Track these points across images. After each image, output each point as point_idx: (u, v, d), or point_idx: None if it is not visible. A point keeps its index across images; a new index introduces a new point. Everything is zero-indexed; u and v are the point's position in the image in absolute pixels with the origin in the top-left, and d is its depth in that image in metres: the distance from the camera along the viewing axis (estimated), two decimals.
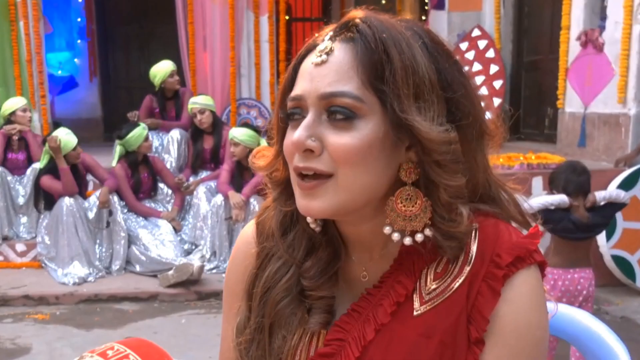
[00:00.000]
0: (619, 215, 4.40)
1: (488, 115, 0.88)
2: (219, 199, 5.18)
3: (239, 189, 5.10)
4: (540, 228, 0.89)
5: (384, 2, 9.50)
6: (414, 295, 0.86)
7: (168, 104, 6.14)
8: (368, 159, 0.81)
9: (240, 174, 5.20)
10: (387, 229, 0.85)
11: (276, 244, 0.94)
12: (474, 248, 0.85)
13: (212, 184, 5.44)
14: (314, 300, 0.90)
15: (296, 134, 0.82)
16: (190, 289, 4.77)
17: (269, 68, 6.73)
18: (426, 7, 8.46)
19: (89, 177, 5.41)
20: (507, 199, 0.90)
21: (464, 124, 0.83)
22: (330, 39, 0.84)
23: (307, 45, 0.87)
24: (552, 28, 6.38)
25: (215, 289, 4.80)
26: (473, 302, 0.83)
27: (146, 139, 5.26)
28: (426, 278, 0.86)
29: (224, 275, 4.78)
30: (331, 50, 0.83)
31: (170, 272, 4.77)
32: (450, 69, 0.84)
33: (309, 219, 0.90)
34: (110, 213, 5.13)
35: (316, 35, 0.88)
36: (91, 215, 5.12)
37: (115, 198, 5.17)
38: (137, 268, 5.12)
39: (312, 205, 0.83)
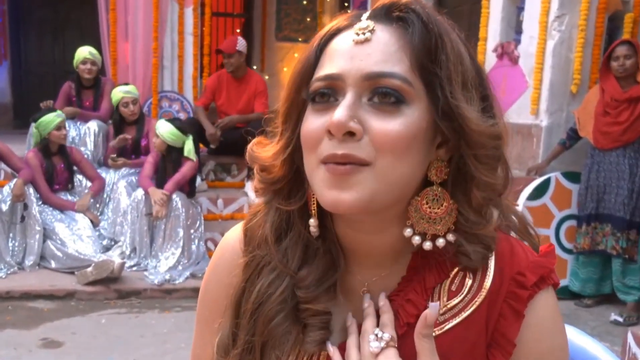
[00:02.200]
0: (531, 221, 4.63)
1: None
2: (139, 193, 5.01)
3: (161, 184, 4.97)
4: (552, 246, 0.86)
5: (305, 2, 9.51)
6: None
7: (85, 93, 5.87)
8: (411, 149, 0.74)
9: (164, 168, 5.08)
10: (407, 231, 0.79)
11: (269, 253, 0.85)
12: (491, 262, 0.81)
13: (134, 178, 5.28)
14: (310, 316, 0.82)
15: (337, 114, 0.73)
16: (110, 287, 4.60)
17: (192, 62, 6.58)
18: (348, 12, 8.53)
19: (1, 166, 5.12)
20: (509, 214, 0.87)
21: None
22: (369, 18, 0.78)
23: (331, 28, 0.81)
24: (468, 39, 6.59)
25: (136, 287, 4.67)
26: (494, 325, 0.79)
27: (58, 127, 4.98)
28: (439, 297, 0.81)
29: (145, 273, 4.64)
30: (373, 29, 0.76)
31: (89, 269, 4.58)
32: (479, 67, 0.81)
33: (311, 221, 0.83)
34: (25, 207, 4.85)
35: (338, 19, 0.82)
36: (5, 207, 4.82)
37: (31, 190, 4.90)
38: (53, 264, 4.87)
39: (342, 197, 0.74)
